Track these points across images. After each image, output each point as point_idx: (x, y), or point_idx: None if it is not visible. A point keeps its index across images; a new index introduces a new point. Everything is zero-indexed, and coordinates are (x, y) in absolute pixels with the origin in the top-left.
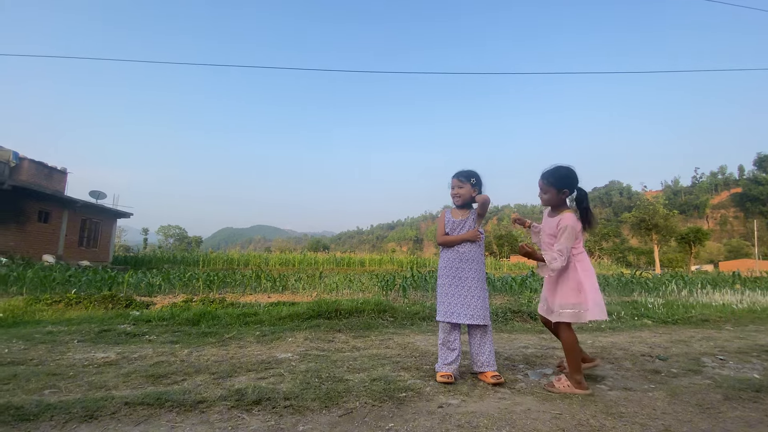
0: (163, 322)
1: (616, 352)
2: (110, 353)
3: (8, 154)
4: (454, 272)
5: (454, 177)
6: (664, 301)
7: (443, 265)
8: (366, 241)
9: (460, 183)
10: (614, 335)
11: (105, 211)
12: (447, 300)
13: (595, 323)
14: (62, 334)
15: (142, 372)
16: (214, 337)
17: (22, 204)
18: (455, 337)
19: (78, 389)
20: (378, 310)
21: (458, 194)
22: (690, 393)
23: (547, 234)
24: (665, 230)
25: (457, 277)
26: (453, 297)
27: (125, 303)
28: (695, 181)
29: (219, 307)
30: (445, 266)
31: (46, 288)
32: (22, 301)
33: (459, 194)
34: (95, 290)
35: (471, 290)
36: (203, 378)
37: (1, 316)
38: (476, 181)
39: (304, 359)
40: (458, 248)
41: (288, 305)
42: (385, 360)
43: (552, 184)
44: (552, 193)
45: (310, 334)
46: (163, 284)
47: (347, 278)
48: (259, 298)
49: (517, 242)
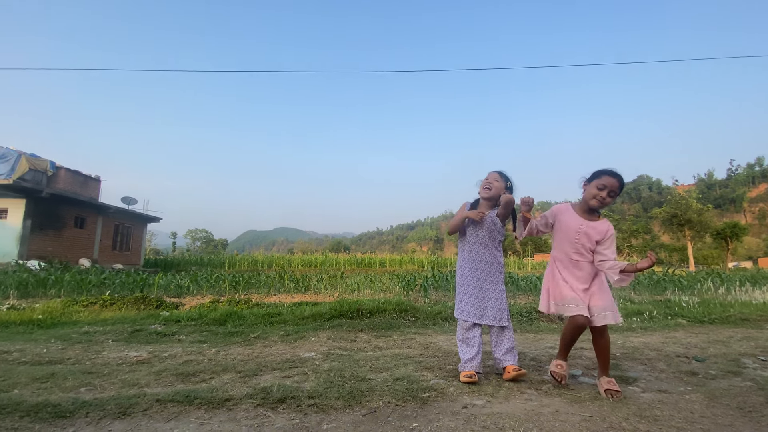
0: (192, 322)
1: (649, 353)
2: (142, 352)
3: (45, 164)
4: (472, 273)
5: (495, 171)
6: (700, 299)
7: (461, 264)
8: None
9: (498, 178)
10: (646, 335)
11: (136, 216)
12: (464, 299)
13: (626, 323)
14: (97, 334)
15: (173, 370)
16: (240, 337)
17: (60, 211)
18: (474, 333)
19: (112, 387)
20: (399, 310)
21: (490, 186)
22: (730, 396)
23: (593, 240)
24: (699, 226)
25: (475, 278)
26: (470, 297)
27: (156, 304)
28: (731, 173)
29: (245, 308)
30: (464, 266)
31: (83, 290)
32: (60, 303)
33: (491, 186)
34: (128, 292)
35: (487, 292)
36: (230, 376)
37: (40, 317)
38: (510, 185)
39: (327, 358)
40: (477, 249)
41: (311, 305)
42: (407, 360)
43: (623, 188)
44: (616, 198)
45: (333, 334)
46: (191, 286)
47: (368, 279)
48: (283, 299)
49: (540, 240)
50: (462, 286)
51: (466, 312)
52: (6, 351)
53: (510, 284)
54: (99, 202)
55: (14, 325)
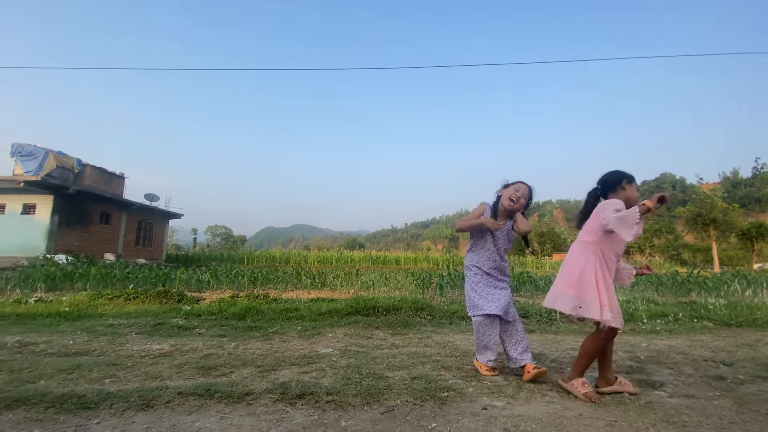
0: (212, 317)
1: (675, 357)
2: (164, 345)
3: (72, 161)
4: (486, 277)
5: (526, 185)
6: (726, 302)
7: (476, 266)
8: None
9: (527, 195)
10: (672, 338)
11: (158, 213)
12: (477, 297)
13: (650, 325)
14: (122, 326)
15: (194, 363)
16: (259, 332)
17: (86, 207)
18: (495, 329)
19: (135, 379)
20: (415, 308)
21: (516, 200)
22: (760, 401)
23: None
24: (724, 225)
25: (487, 282)
26: (485, 294)
27: (177, 298)
28: (756, 172)
29: (263, 303)
30: (478, 268)
31: (107, 284)
32: (86, 296)
33: (517, 201)
34: (150, 286)
35: (500, 293)
36: (249, 371)
37: (67, 309)
38: (529, 204)
39: (344, 355)
40: (490, 255)
41: (327, 301)
42: (424, 358)
43: None
44: None
45: (350, 330)
46: (211, 281)
47: (383, 276)
48: (300, 294)
49: (559, 239)
50: (477, 285)
51: (487, 307)
52: (33, 342)
53: (528, 284)
54: (123, 199)
55: (42, 317)
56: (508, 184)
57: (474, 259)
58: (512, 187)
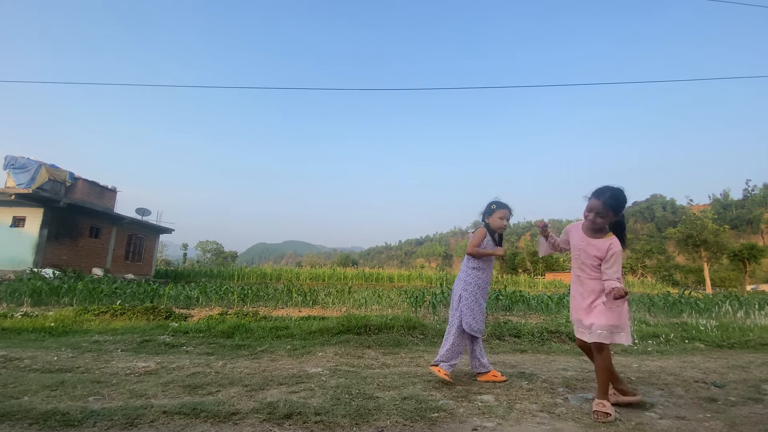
0: (200, 334)
1: (666, 378)
2: (150, 363)
3: (65, 175)
4: (483, 294)
5: (508, 208)
6: (718, 323)
7: (479, 284)
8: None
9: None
10: (663, 359)
11: (149, 227)
12: (478, 316)
13: (641, 346)
14: (107, 343)
15: (180, 382)
16: (248, 350)
17: (76, 220)
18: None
19: (120, 397)
20: (408, 326)
21: (506, 224)
22: (751, 423)
23: (592, 256)
24: (715, 247)
25: (483, 297)
26: (481, 314)
27: (165, 314)
28: (747, 194)
29: (252, 320)
30: (479, 286)
31: (95, 299)
32: (72, 311)
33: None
34: (138, 302)
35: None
36: (237, 390)
37: (52, 325)
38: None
39: (334, 374)
40: (487, 274)
41: (318, 320)
42: (415, 378)
43: (612, 208)
44: (609, 217)
45: (340, 350)
46: (200, 297)
47: (376, 294)
48: (291, 312)
49: (551, 258)
50: (474, 304)
51: (478, 329)
52: (18, 358)
53: (521, 303)
54: (114, 213)
55: (27, 332)
56: (493, 209)
57: (480, 278)
58: (500, 212)
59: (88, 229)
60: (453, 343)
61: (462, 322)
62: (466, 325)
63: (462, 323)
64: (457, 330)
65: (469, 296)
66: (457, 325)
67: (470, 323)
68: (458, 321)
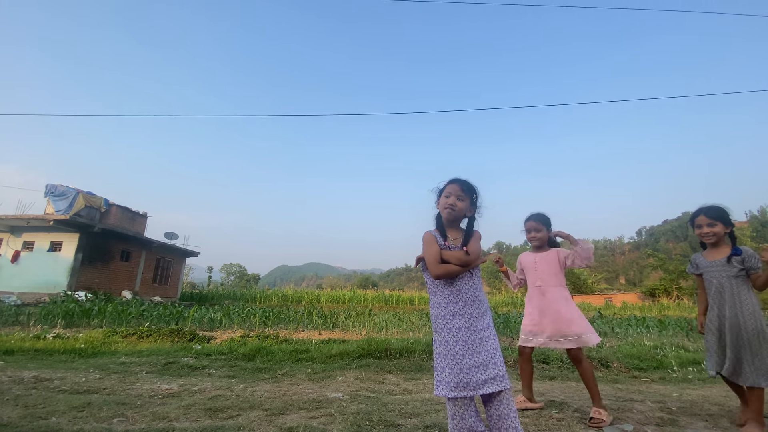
0: (222, 357)
1: (709, 408)
2: (173, 385)
3: (100, 201)
4: (464, 321)
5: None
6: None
7: (441, 312)
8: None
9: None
10: (705, 388)
11: (176, 251)
12: (455, 363)
13: (681, 373)
14: (133, 365)
15: (201, 405)
16: (268, 373)
17: (108, 245)
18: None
19: (143, 419)
20: (429, 351)
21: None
22: None
23: (550, 264)
24: None
25: (466, 327)
26: (463, 357)
27: (189, 337)
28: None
29: (273, 343)
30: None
31: (123, 321)
32: (101, 333)
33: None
34: (164, 324)
35: (485, 342)
36: (257, 414)
37: (82, 346)
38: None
39: (354, 400)
40: (462, 285)
41: (338, 343)
42: (438, 405)
43: (544, 222)
44: (543, 231)
45: (360, 374)
46: (223, 319)
47: (396, 316)
48: (311, 335)
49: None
50: (446, 344)
51: (463, 382)
52: (48, 378)
53: None
54: (144, 237)
55: (58, 354)
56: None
57: (433, 303)
58: (449, 188)
59: (120, 252)
60: None
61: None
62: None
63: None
64: None
65: (435, 341)
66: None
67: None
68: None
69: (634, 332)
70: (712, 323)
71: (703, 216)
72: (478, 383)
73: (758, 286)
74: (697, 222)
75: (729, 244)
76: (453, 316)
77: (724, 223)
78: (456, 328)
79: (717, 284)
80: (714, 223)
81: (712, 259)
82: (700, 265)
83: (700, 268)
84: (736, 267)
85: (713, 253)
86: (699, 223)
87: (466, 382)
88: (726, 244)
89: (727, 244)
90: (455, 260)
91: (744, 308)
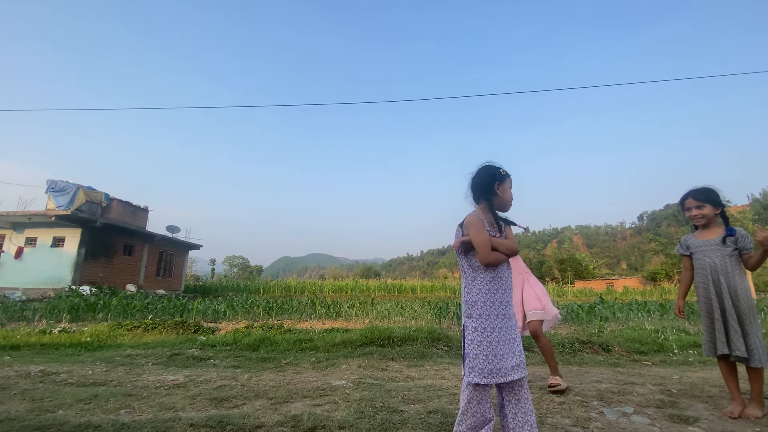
0: (227, 347)
1: (709, 390)
2: (179, 376)
3: (101, 196)
4: (501, 308)
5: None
6: (765, 330)
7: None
8: (416, 267)
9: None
10: (705, 370)
11: (179, 244)
12: (489, 350)
13: (681, 356)
14: (139, 357)
15: (207, 395)
16: (272, 363)
17: (111, 239)
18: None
19: (150, 410)
20: (431, 338)
21: None
22: None
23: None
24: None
25: (502, 314)
26: (498, 344)
27: (194, 328)
28: None
29: (277, 333)
30: (493, 301)
31: (128, 314)
32: (106, 326)
33: None
34: (168, 316)
35: (514, 329)
36: (261, 403)
37: (88, 340)
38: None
39: (358, 387)
40: (502, 273)
41: (341, 332)
42: (441, 391)
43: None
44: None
45: (364, 362)
46: (227, 311)
47: (399, 305)
48: (314, 325)
49: (581, 266)
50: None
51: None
52: (55, 372)
53: None
54: (146, 231)
55: (64, 347)
56: (503, 174)
57: (477, 289)
58: (510, 181)
59: (122, 247)
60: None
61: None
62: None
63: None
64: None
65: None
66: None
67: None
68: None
69: (635, 316)
70: (705, 305)
71: (691, 198)
72: (508, 370)
73: (750, 266)
74: (686, 204)
75: (722, 224)
76: (492, 303)
77: (712, 204)
78: (494, 315)
79: (711, 263)
80: (702, 205)
81: (705, 238)
82: (690, 246)
83: (690, 248)
84: (730, 247)
85: (705, 234)
86: (688, 205)
87: (498, 369)
88: (718, 225)
89: (720, 225)
90: (505, 249)
91: (738, 288)
